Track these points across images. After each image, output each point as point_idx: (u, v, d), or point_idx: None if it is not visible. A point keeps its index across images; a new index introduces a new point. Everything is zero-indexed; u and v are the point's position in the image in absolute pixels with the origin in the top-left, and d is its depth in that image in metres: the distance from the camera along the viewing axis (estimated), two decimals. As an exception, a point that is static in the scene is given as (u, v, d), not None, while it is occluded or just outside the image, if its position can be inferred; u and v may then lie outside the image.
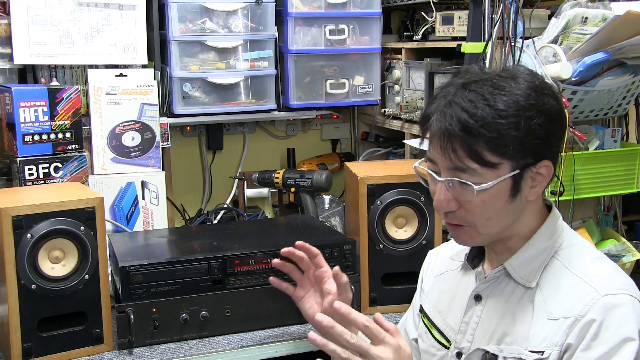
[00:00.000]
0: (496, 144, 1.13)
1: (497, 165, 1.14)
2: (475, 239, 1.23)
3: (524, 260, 1.24)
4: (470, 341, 1.28)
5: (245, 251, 1.71)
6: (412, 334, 1.49)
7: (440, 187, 1.20)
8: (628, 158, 1.93)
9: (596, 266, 1.21)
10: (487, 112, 1.12)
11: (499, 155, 1.14)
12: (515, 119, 1.13)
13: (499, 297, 1.26)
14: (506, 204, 1.18)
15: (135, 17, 2.11)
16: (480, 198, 1.16)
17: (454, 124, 1.13)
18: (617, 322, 1.12)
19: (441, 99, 1.18)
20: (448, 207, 1.19)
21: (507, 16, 1.84)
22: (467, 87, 1.16)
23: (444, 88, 1.21)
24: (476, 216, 1.19)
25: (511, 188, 1.17)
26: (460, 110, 1.13)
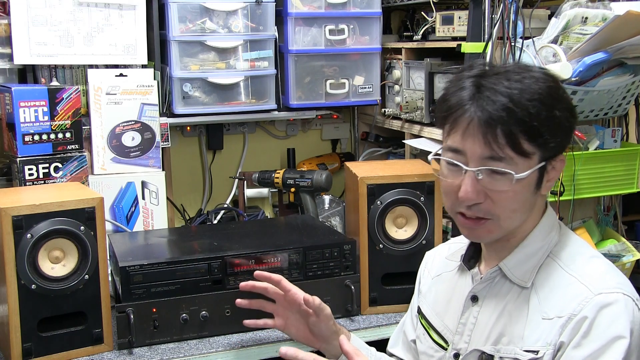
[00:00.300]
0: (533, 133, 1.13)
1: (530, 155, 1.15)
2: (493, 233, 1.21)
3: (519, 260, 1.24)
4: (467, 342, 1.28)
5: (245, 251, 1.71)
6: (411, 336, 1.49)
7: (468, 178, 1.16)
8: (628, 158, 1.93)
9: (591, 265, 1.21)
10: (525, 99, 1.12)
11: (533, 144, 1.14)
12: (550, 110, 1.14)
13: (495, 297, 1.26)
14: (530, 196, 1.19)
15: (135, 17, 2.11)
16: (514, 189, 1.15)
17: (498, 109, 1.12)
18: (609, 320, 1.12)
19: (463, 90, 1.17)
20: (477, 198, 1.17)
21: (507, 16, 1.84)
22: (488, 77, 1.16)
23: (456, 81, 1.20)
24: (503, 208, 1.18)
25: (537, 180, 1.18)
26: (500, 96, 1.13)
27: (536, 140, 1.14)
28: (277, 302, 1.56)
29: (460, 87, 1.19)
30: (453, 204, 1.22)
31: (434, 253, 1.53)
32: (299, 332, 1.55)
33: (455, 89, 1.20)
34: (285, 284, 1.52)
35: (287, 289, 1.51)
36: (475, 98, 1.15)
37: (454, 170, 1.20)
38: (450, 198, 1.23)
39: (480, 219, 1.20)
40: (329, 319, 1.49)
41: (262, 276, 1.54)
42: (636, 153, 1.94)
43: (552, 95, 1.15)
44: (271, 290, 1.54)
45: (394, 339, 1.58)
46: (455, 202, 1.21)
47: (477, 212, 1.19)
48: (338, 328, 1.52)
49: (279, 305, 1.56)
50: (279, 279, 1.52)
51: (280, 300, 1.55)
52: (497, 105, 1.12)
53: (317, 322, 1.49)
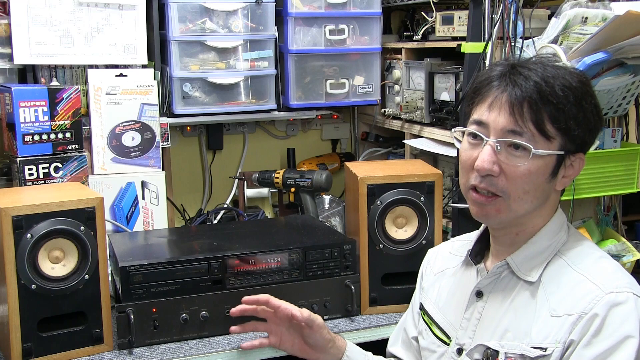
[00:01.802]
0: (557, 116, 1.17)
1: (550, 139, 1.18)
2: (501, 213, 1.22)
3: (527, 256, 1.25)
4: (471, 337, 1.29)
5: (245, 251, 1.71)
6: (412, 333, 1.50)
7: (486, 149, 1.20)
8: (628, 158, 1.93)
9: (600, 265, 1.22)
10: (556, 84, 1.17)
11: (555, 128, 1.17)
12: (578, 99, 1.18)
13: (501, 293, 1.27)
14: (544, 183, 1.21)
15: (135, 17, 2.11)
16: (528, 166, 1.18)
17: (530, 85, 1.16)
18: (620, 319, 1.13)
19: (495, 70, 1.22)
20: (492, 169, 1.19)
21: (507, 16, 1.84)
22: (526, 64, 1.20)
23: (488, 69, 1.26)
24: (516, 186, 1.19)
25: (553, 168, 1.20)
26: (534, 75, 1.17)
27: (559, 124, 1.17)
28: (268, 320, 1.57)
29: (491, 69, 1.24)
30: (468, 179, 1.24)
31: (437, 250, 1.53)
32: (295, 346, 1.55)
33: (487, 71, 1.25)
34: (273, 302, 1.52)
35: (276, 306, 1.52)
36: (508, 74, 1.20)
37: (474, 143, 1.23)
38: (465, 173, 1.25)
39: (491, 195, 1.21)
40: (322, 328, 1.50)
41: (250, 300, 1.55)
42: (636, 153, 1.94)
43: (582, 88, 1.19)
44: (260, 310, 1.55)
45: (394, 337, 1.58)
46: (470, 176, 1.23)
47: (489, 185, 1.21)
48: (333, 336, 1.52)
49: (271, 323, 1.57)
50: (267, 299, 1.53)
51: (272, 319, 1.56)
52: (530, 82, 1.17)
53: (310, 333, 1.49)
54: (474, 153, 1.22)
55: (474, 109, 1.24)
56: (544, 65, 1.20)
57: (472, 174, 1.22)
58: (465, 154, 1.24)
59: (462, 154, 1.26)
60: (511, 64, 1.22)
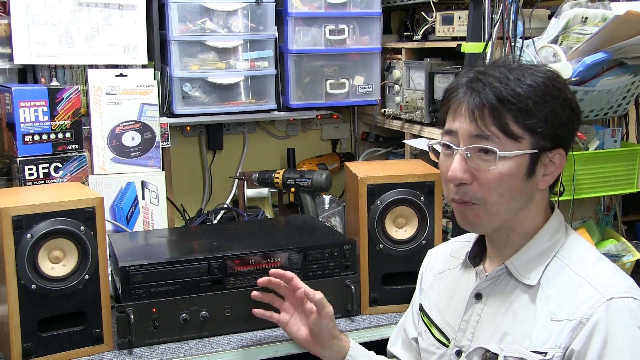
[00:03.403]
0: (522, 116, 1.16)
1: (519, 139, 1.17)
2: (481, 218, 1.22)
3: (526, 259, 1.25)
4: (470, 339, 1.28)
5: (245, 251, 1.71)
6: (412, 334, 1.50)
7: (457, 157, 1.20)
8: (628, 158, 1.93)
9: (599, 267, 1.21)
10: (517, 85, 1.17)
11: (523, 128, 1.17)
12: (543, 96, 1.17)
13: (500, 295, 1.26)
14: (520, 183, 1.20)
15: (135, 17, 2.11)
16: (498, 169, 1.18)
17: (487, 91, 1.17)
18: (623, 327, 1.12)
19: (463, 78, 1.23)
20: (463, 177, 1.19)
21: (507, 16, 1.84)
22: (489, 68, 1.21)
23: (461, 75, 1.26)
24: (490, 190, 1.19)
25: (528, 167, 1.19)
26: (492, 80, 1.18)
27: (524, 123, 1.17)
28: (286, 298, 1.60)
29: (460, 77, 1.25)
30: (448, 191, 1.25)
31: (437, 251, 1.53)
32: (299, 332, 1.56)
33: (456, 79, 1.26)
34: (296, 282, 1.56)
35: (297, 287, 1.55)
36: (471, 82, 1.20)
37: (447, 154, 1.24)
38: (446, 184, 1.26)
39: (468, 202, 1.22)
40: (330, 319, 1.50)
41: (277, 273, 1.58)
42: (636, 153, 1.94)
43: (547, 85, 1.19)
44: (283, 287, 1.59)
45: (394, 337, 1.58)
46: (449, 188, 1.24)
47: (464, 195, 1.21)
48: (338, 334, 1.52)
49: (288, 302, 1.60)
50: (292, 277, 1.57)
51: (290, 298, 1.59)
52: (487, 88, 1.17)
53: (317, 319, 1.50)
54: (449, 164, 1.22)
55: (446, 118, 1.25)
56: (508, 68, 1.20)
57: (451, 186, 1.23)
58: (442, 166, 1.25)
59: (440, 166, 1.26)
60: (477, 70, 1.22)
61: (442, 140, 1.24)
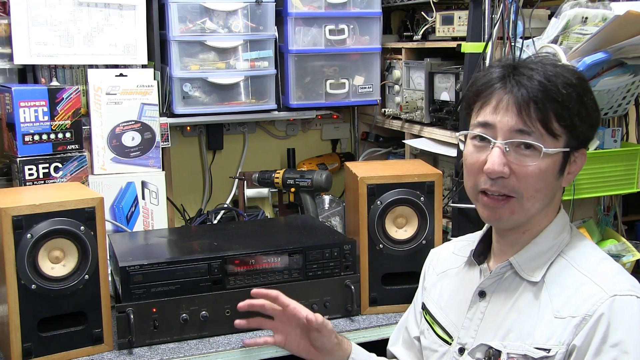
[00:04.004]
0: (563, 114, 1.17)
1: (557, 137, 1.19)
2: (515, 214, 1.22)
3: (530, 256, 1.25)
4: (473, 337, 1.29)
5: (245, 251, 1.71)
6: (414, 332, 1.50)
7: (495, 151, 1.19)
8: (628, 158, 1.93)
9: (603, 266, 1.22)
10: (560, 82, 1.17)
11: (561, 126, 1.18)
12: (580, 96, 1.19)
13: (504, 293, 1.27)
14: (553, 180, 1.21)
15: (135, 17, 2.11)
16: (538, 166, 1.18)
17: (534, 85, 1.17)
18: (625, 324, 1.12)
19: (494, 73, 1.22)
20: (503, 171, 1.18)
21: (507, 16, 1.84)
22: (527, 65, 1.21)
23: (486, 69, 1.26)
24: (528, 185, 1.19)
25: (560, 165, 1.21)
26: (537, 75, 1.18)
27: (565, 122, 1.18)
28: (275, 318, 1.54)
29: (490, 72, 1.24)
30: (476, 182, 1.23)
31: (439, 250, 1.53)
32: (300, 347, 1.53)
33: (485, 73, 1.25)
34: (283, 299, 1.51)
35: (286, 304, 1.50)
36: (511, 76, 1.20)
37: (480, 146, 1.22)
38: (473, 176, 1.24)
39: (503, 197, 1.21)
40: (331, 333, 1.49)
41: (260, 293, 1.53)
42: (636, 153, 1.94)
43: (582, 85, 1.20)
44: (269, 307, 1.53)
45: (394, 337, 1.58)
46: (478, 180, 1.23)
47: (501, 187, 1.20)
48: (339, 339, 1.51)
49: (278, 321, 1.54)
50: (276, 295, 1.51)
51: (279, 317, 1.54)
52: (534, 83, 1.17)
53: (319, 337, 1.48)
54: (481, 156, 1.21)
55: (478, 112, 1.24)
56: (543, 64, 1.21)
57: (481, 177, 1.21)
58: (472, 157, 1.23)
59: (468, 157, 1.24)
60: (512, 64, 1.22)
61: (477, 132, 1.22)
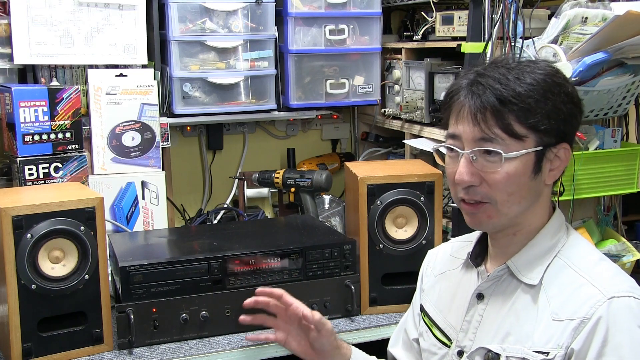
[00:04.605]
0: (525, 115, 1.16)
1: (523, 138, 1.18)
2: (493, 218, 1.22)
3: (528, 259, 1.25)
4: (472, 340, 1.28)
5: (245, 251, 1.71)
6: (413, 334, 1.49)
7: (463, 161, 1.20)
8: (628, 158, 1.93)
9: (600, 267, 1.22)
10: (517, 84, 1.17)
11: (526, 127, 1.17)
12: (543, 93, 1.17)
13: (502, 295, 1.26)
14: (528, 181, 1.20)
15: (135, 17, 2.11)
16: (505, 170, 1.18)
17: (488, 93, 1.17)
18: (625, 326, 1.12)
19: (463, 80, 1.23)
20: (471, 180, 1.19)
21: (507, 16, 1.84)
22: (489, 69, 1.21)
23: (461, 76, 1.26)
24: (499, 190, 1.19)
25: (534, 165, 1.20)
26: (492, 81, 1.18)
27: (527, 122, 1.17)
28: (278, 316, 1.53)
29: (461, 79, 1.24)
30: (455, 192, 1.25)
31: (437, 251, 1.53)
32: (300, 346, 1.52)
33: (457, 81, 1.26)
34: (286, 298, 1.49)
35: (289, 304, 1.49)
36: (471, 84, 1.20)
37: (452, 156, 1.24)
38: (452, 186, 1.26)
39: (479, 203, 1.22)
40: (331, 334, 1.47)
41: (264, 292, 1.52)
42: (636, 153, 1.94)
43: (547, 81, 1.19)
44: (273, 305, 1.52)
45: (394, 338, 1.58)
46: (456, 190, 1.24)
47: (474, 195, 1.21)
48: (339, 343, 1.50)
49: (280, 319, 1.53)
50: (281, 294, 1.50)
51: (282, 315, 1.52)
52: (488, 90, 1.17)
53: (318, 337, 1.47)
54: (455, 167, 1.23)
55: (447, 122, 1.26)
56: (507, 67, 1.20)
57: (458, 187, 1.23)
58: (449, 169, 1.26)
59: (446, 168, 1.27)
60: (476, 72, 1.22)
61: (446, 144, 1.25)
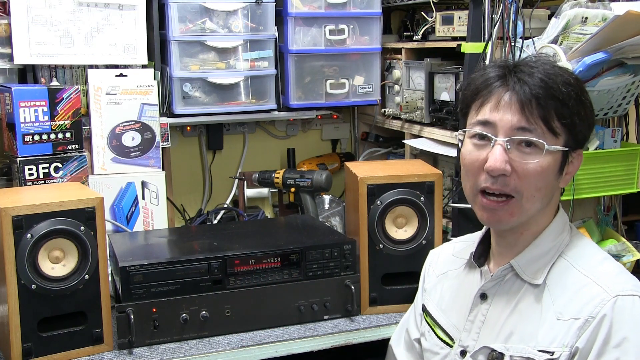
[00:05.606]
0: (564, 112, 1.17)
1: (557, 135, 1.19)
2: (514, 216, 1.21)
3: (531, 259, 1.25)
4: (475, 339, 1.28)
5: (245, 251, 1.71)
6: (414, 335, 1.49)
7: (497, 148, 1.18)
8: (628, 158, 1.93)
9: (604, 266, 1.22)
10: (559, 80, 1.18)
11: (562, 124, 1.18)
12: (578, 95, 1.19)
13: (506, 295, 1.26)
14: (553, 179, 1.21)
15: (135, 17, 2.11)
16: (540, 163, 1.18)
17: (536, 82, 1.17)
18: (629, 325, 1.12)
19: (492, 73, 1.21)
20: (505, 168, 1.18)
21: (507, 16, 1.84)
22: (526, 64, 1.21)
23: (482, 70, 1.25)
24: (529, 184, 1.19)
25: (560, 164, 1.21)
26: (537, 73, 1.18)
27: (565, 120, 1.18)
28: None
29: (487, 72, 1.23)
30: (476, 181, 1.22)
31: (439, 251, 1.53)
32: None
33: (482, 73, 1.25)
34: None
35: None
36: (512, 72, 1.20)
37: (480, 144, 1.22)
38: (472, 176, 1.23)
39: (503, 197, 1.20)
40: None
41: None
42: (636, 153, 1.94)
43: (580, 85, 1.21)
44: None
45: (397, 336, 1.58)
46: (478, 179, 1.22)
47: (502, 186, 1.19)
48: None
49: None
50: None
51: None
52: (535, 80, 1.17)
53: None
54: (481, 154, 1.20)
55: (477, 110, 1.23)
56: (542, 63, 1.21)
57: (481, 176, 1.21)
58: (471, 156, 1.22)
59: (467, 156, 1.23)
60: (511, 64, 1.23)
61: (476, 130, 1.22)
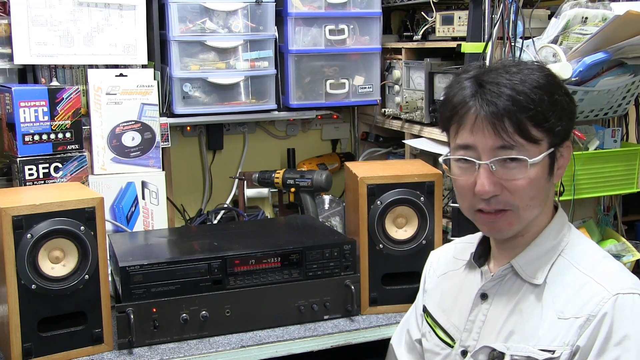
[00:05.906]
0: (539, 118, 1.16)
1: (539, 142, 1.18)
2: (513, 225, 1.22)
3: (531, 258, 1.25)
4: (476, 339, 1.29)
5: (245, 251, 1.71)
6: (415, 335, 1.49)
7: (482, 172, 1.18)
8: (628, 158, 1.93)
9: (604, 265, 1.22)
10: (526, 88, 1.16)
11: (540, 130, 1.17)
12: (551, 94, 1.17)
13: (506, 295, 1.27)
14: (545, 184, 1.21)
15: (135, 17, 2.11)
16: (528, 175, 1.17)
17: (502, 100, 1.15)
18: (629, 323, 1.12)
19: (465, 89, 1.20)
20: (494, 190, 1.18)
21: (507, 16, 1.84)
22: (489, 75, 1.19)
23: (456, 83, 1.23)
24: (521, 197, 1.19)
25: (549, 167, 1.20)
26: (503, 88, 1.16)
27: (543, 125, 1.17)
28: None
29: (460, 87, 1.22)
30: (470, 203, 1.23)
31: (440, 252, 1.53)
32: None
33: (456, 89, 1.23)
34: None
35: None
36: (479, 93, 1.18)
37: (465, 167, 1.22)
38: (466, 197, 1.23)
39: (500, 211, 1.20)
40: None
41: None
42: (636, 153, 1.94)
43: (549, 82, 1.19)
44: None
45: (398, 336, 1.57)
46: (472, 200, 1.22)
47: (496, 204, 1.20)
48: None
49: None
50: None
51: None
52: (502, 97, 1.16)
53: None
54: (470, 177, 1.21)
55: (455, 134, 1.23)
56: (508, 72, 1.18)
57: (475, 198, 1.21)
58: (461, 180, 1.23)
59: (457, 180, 1.24)
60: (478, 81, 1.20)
61: (460, 156, 1.22)
